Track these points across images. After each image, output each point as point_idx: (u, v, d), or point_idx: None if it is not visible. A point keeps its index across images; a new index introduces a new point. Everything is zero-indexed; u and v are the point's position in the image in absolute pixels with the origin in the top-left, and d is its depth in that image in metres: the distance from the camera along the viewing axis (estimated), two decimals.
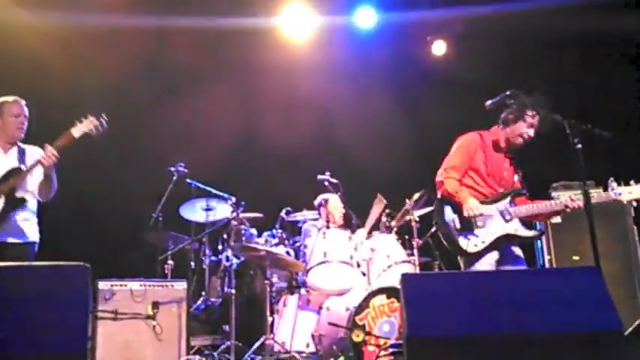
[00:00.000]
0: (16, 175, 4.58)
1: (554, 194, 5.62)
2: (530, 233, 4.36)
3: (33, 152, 4.77)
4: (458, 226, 4.30)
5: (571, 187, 5.63)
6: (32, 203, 4.73)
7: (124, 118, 5.72)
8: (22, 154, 4.74)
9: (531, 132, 4.41)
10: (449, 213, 4.35)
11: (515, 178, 4.52)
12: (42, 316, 2.30)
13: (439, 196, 4.44)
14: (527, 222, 4.39)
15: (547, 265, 5.59)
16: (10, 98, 4.79)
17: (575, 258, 5.41)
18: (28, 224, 4.67)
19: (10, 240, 4.54)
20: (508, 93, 4.19)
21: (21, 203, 4.61)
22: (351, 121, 7.68)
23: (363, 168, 7.47)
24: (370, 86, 7.62)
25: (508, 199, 4.36)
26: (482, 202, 4.33)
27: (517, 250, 4.42)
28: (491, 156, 4.49)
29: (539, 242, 5.76)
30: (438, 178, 4.44)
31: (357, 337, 4.76)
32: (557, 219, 5.62)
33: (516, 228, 4.31)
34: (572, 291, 3.02)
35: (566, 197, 4.29)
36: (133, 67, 7.05)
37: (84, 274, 2.38)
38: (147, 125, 7.23)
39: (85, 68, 6.92)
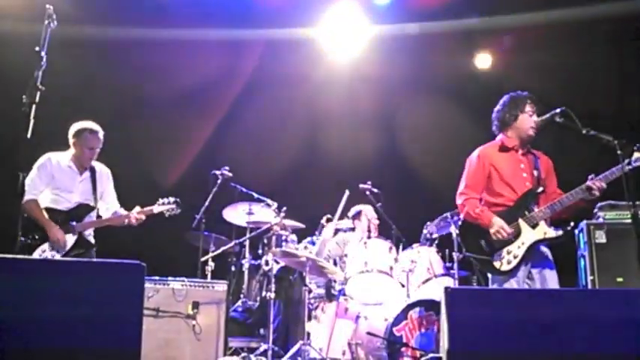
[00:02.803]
0: (86, 211, 5.06)
1: (600, 214, 5.53)
2: (560, 232, 4.11)
3: (102, 174, 5.23)
4: (487, 249, 4.18)
5: (618, 207, 5.51)
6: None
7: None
8: (93, 175, 5.15)
9: (535, 117, 4.26)
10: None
11: (535, 174, 4.29)
12: (98, 311, 2.37)
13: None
14: (555, 221, 4.16)
15: (590, 286, 5.49)
16: (89, 127, 5.09)
17: (619, 280, 5.30)
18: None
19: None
20: (558, 110, 4.12)
21: (91, 247, 5.10)
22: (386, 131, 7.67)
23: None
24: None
25: (527, 203, 4.18)
26: (504, 213, 4.18)
27: (545, 250, 4.23)
28: (503, 162, 4.33)
29: (582, 262, 5.66)
30: (459, 202, 4.33)
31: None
32: (601, 239, 5.50)
33: (545, 231, 4.12)
34: (616, 312, 2.99)
35: (589, 180, 4.01)
36: None
37: (139, 272, 2.47)
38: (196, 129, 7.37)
39: None
